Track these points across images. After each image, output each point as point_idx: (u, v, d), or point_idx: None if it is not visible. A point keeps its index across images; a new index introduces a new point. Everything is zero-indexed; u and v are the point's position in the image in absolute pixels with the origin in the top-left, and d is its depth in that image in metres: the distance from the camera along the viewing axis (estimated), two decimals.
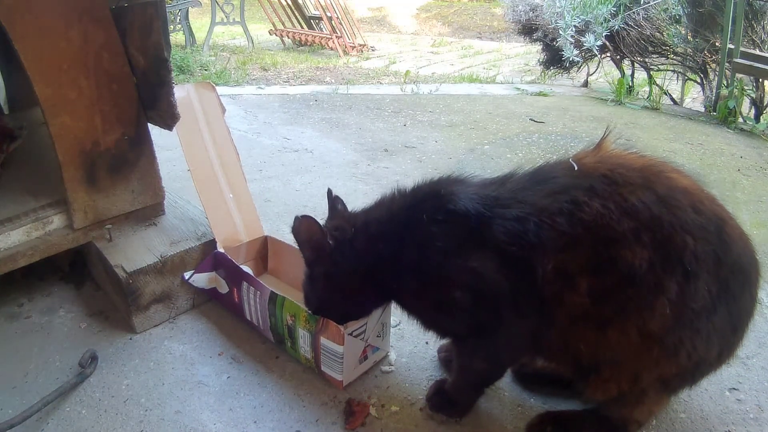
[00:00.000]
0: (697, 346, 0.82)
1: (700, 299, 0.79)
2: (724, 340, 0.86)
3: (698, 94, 4.07)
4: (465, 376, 1.01)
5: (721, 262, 0.81)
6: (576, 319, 0.82)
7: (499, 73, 5.21)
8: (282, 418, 1.03)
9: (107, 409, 1.05)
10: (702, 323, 0.81)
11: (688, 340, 0.81)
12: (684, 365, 0.83)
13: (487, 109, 3.23)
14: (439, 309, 0.93)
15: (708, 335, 0.82)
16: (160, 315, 1.28)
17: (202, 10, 8.33)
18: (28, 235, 1.25)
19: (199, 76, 4.47)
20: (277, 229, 1.69)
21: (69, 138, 1.22)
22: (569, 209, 0.80)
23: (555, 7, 3.74)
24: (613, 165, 0.84)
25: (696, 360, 0.83)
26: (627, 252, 0.77)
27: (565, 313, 0.82)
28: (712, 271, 0.80)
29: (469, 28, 9.66)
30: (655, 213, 0.78)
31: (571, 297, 0.80)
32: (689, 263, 0.78)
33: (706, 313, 0.81)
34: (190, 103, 1.37)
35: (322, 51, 7.09)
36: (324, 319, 1.04)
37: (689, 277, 0.78)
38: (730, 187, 2.13)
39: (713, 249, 0.80)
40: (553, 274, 0.81)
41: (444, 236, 0.87)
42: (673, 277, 0.78)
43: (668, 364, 0.83)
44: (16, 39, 1.10)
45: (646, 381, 0.85)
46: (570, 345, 0.85)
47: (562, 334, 0.85)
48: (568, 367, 0.93)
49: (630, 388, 0.86)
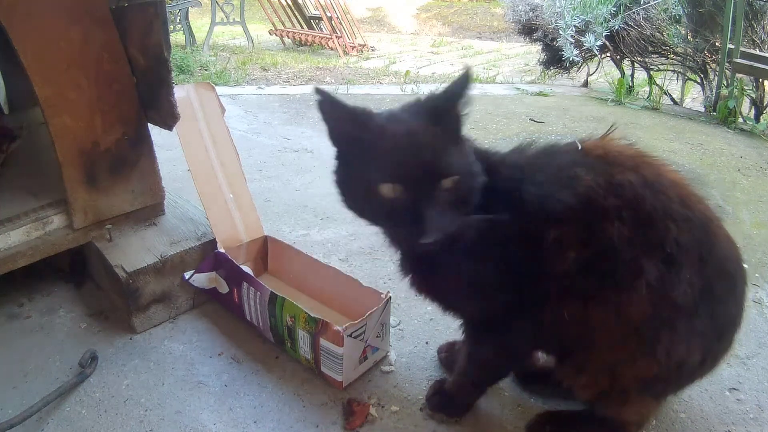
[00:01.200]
0: (676, 346, 0.82)
1: (682, 292, 0.79)
2: (707, 346, 0.85)
3: (698, 94, 4.07)
4: (472, 371, 0.99)
5: (705, 259, 0.81)
6: (564, 292, 0.83)
7: (499, 73, 5.21)
8: (282, 418, 1.03)
9: (107, 409, 1.05)
10: (681, 321, 0.81)
11: (666, 336, 0.81)
12: (663, 365, 0.82)
13: (487, 108, 3.23)
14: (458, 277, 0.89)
15: (688, 336, 0.82)
16: (160, 315, 1.28)
17: (202, 10, 8.33)
18: (28, 235, 1.25)
19: (199, 76, 4.47)
20: (277, 229, 1.69)
21: (69, 138, 1.22)
22: (571, 182, 0.82)
23: (555, 7, 3.74)
24: (609, 149, 0.87)
25: (676, 361, 0.83)
26: (608, 226, 0.79)
27: (556, 285, 0.83)
28: (695, 265, 0.80)
29: (469, 28, 9.66)
30: (639, 193, 0.80)
31: (562, 268, 0.81)
32: (670, 248, 0.79)
33: (686, 311, 0.80)
34: (190, 103, 1.37)
35: (322, 51, 7.09)
36: (323, 321, 1.04)
37: (670, 263, 0.79)
38: (730, 187, 2.13)
39: (697, 243, 0.81)
40: (552, 246, 0.81)
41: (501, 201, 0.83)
42: (653, 260, 0.79)
43: (645, 363, 0.83)
44: (16, 39, 1.10)
45: (625, 379, 0.85)
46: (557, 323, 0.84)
47: (553, 311, 0.84)
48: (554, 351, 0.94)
49: (610, 384, 0.86)
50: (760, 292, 1.42)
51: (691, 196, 0.85)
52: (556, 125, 2.91)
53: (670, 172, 0.86)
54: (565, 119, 3.03)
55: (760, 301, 1.40)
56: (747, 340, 1.24)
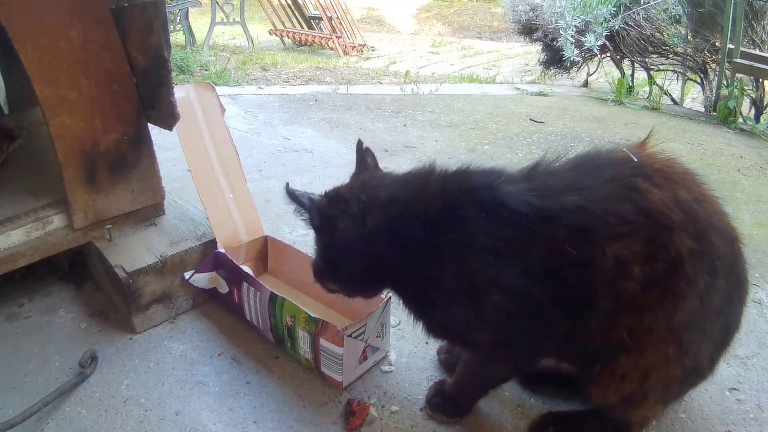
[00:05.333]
0: (701, 349, 0.85)
1: (716, 300, 0.83)
2: (715, 351, 0.90)
3: (698, 94, 4.07)
4: (474, 378, 1.00)
5: (732, 270, 0.85)
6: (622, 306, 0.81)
7: (499, 73, 5.21)
8: (282, 418, 1.03)
9: (107, 409, 1.05)
10: (708, 326, 0.84)
11: (696, 341, 0.84)
12: (685, 368, 0.85)
13: (487, 109, 3.23)
14: (473, 311, 0.86)
15: (707, 340, 0.86)
16: (160, 315, 1.28)
17: (202, 10, 8.32)
18: (28, 235, 1.25)
19: (199, 76, 4.47)
20: (277, 229, 1.69)
21: (69, 138, 1.22)
22: (632, 196, 0.81)
23: (555, 7, 3.74)
24: (663, 163, 0.87)
25: (694, 365, 0.86)
26: (678, 239, 0.79)
27: (612, 300, 0.81)
28: (726, 275, 0.84)
29: (469, 28, 9.66)
30: (695, 209, 0.82)
31: (625, 284, 0.80)
32: (716, 259, 0.82)
33: (713, 317, 0.84)
34: (190, 103, 1.37)
35: (322, 51, 7.09)
36: (323, 321, 1.04)
37: (714, 274, 0.81)
38: (730, 187, 2.13)
39: (728, 255, 0.84)
40: (612, 262, 0.79)
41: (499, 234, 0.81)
42: (704, 272, 0.81)
43: (673, 367, 0.84)
44: (16, 39, 1.10)
45: (653, 382, 0.86)
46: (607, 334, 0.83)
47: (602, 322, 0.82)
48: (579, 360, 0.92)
49: (638, 388, 0.86)
50: (760, 292, 1.42)
51: (723, 213, 0.88)
52: (556, 125, 2.91)
53: (708, 190, 0.89)
54: (565, 119, 3.03)
55: (760, 301, 1.40)
56: (747, 340, 1.24)
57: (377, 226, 0.87)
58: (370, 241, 0.88)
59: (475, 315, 0.86)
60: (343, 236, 0.90)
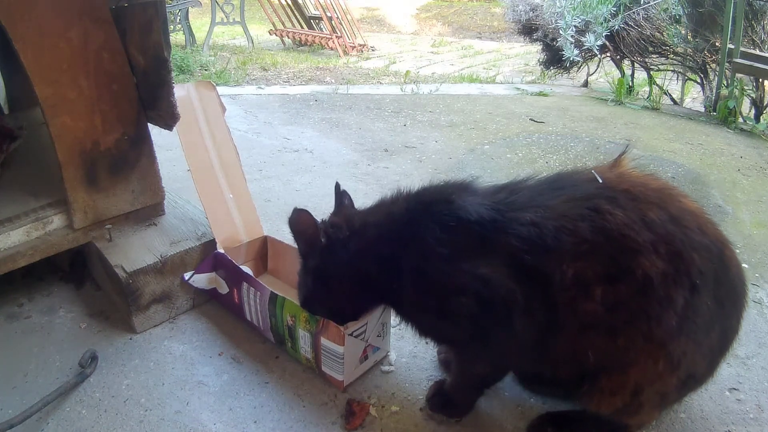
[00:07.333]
0: (697, 359, 0.86)
1: (702, 314, 0.82)
2: (714, 357, 0.90)
3: (698, 94, 4.07)
4: (465, 378, 1.02)
5: (720, 281, 0.85)
6: (587, 326, 0.83)
7: (499, 73, 5.22)
8: (282, 418, 1.03)
9: (107, 409, 1.05)
10: (699, 339, 0.84)
11: (690, 351, 0.84)
12: (681, 378, 0.86)
13: (487, 109, 3.23)
14: (441, 316, 0.92)
15: (702, 351, 0.86)
16: (160, 315, 1.28)
17: (202, 10, 8.33)
18: (28, 235, 1.25)
19: (199, 76, 4.47)
20: (277, 229, 1.69)
21: (69, 138, 1.22)
22: (591, 216, 0.82)
23: (555, 7, 3.74)
24: (633, 183, 0.87)
25: (689, 373, 0.87)
26: (645, 262, 0.79)
27: (576, 319, 0.82)
28: (711, 288, 0.83)
29: (469, 28, 9.66)
30: (669, 230, 0.81)
31: (585, 304, 0.81)
32: (696, 278, 0.81)
33: (704, 330, 0.84)
34: (190, 103, 1.37)
35: (322, 51, 7.10)
36: (324, 320, 1.04)
37: (694, 291, 0.81)
38: (730, 187, 2.13)
39: (714, 268, 0.84)
40: (571, 281, 0.81)
41: (452, 243, 0.87)
42: (681, 291, 0.80)
43: (667, 379, 0.85)
44: (16, 39, 1.10)
45: (647, 395, 0.86)
46: (577, 352, 0.85)
47: (571, 340, 0.84)
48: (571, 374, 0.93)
49: (630, 401, 0.86)
50: (760, 292, 1.42)
51: (708, 223, 0.88)
52: (556, 125, 2.91)
53: (688, 202, 0.88)
54: (565, 119, 3.03)
55: (760, 301, 1.39)
56: (747, 340, 1.24)
57: (358, 249, 0.97)
58: (354, 263, 0.97)
59: (440, 317, 0.92)
60: (331, 260, 0.99)
